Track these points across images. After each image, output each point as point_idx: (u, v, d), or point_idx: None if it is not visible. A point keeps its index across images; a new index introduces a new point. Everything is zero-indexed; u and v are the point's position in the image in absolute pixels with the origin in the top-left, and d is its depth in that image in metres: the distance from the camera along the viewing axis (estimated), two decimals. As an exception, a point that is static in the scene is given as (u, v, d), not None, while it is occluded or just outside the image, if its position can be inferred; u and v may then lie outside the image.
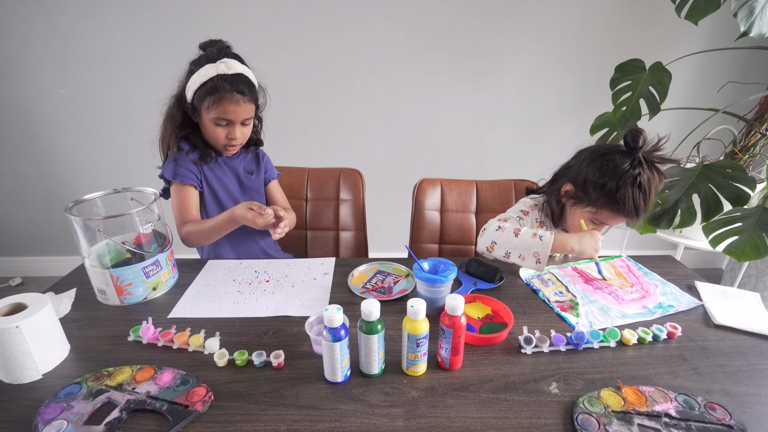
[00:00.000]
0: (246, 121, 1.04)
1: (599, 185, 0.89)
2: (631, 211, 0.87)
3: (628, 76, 1.34)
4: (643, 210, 0.88)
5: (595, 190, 0.91)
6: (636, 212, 0.87)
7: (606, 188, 0.88)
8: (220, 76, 0.96)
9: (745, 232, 0.97)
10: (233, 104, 0.98)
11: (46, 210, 2.10)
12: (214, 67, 0.96)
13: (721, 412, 0.58)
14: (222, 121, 1.01)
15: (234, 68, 0.97)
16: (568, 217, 1.00)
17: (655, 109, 1.25)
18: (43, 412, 0.57)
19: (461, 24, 1.79)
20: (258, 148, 1.19)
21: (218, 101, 0.97)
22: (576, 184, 0.95)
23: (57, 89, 1.85)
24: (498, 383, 0.64)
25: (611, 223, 0.94)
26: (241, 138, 1.05)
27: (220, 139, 1.03)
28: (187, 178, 1.03)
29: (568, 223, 1.01)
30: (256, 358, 0.68)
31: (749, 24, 1.09)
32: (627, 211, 0.88)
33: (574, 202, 0.96)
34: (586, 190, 0.92)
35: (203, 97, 0.98)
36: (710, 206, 1.01)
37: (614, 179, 0.87)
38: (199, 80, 0.97)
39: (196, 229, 1.02)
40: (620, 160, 0.87)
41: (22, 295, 0.68)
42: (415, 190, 1.33)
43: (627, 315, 0.81)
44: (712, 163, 1.06)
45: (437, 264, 0.83)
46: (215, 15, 1.73)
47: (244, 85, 0.98)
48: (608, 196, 0.88)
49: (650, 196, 0.87)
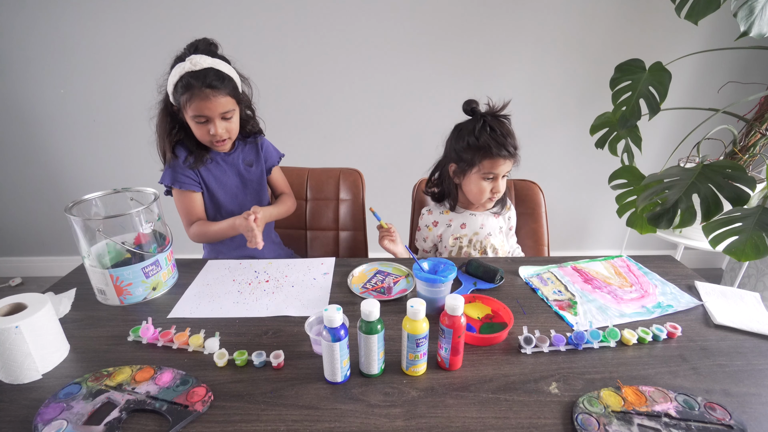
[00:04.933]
0: (226, 114, 1.00)
1: (466, 147, 1.04)
2: (499, 148, 1.00)
3: (628, 76, 1.33)
4: (509, 144, 1.01)
5: (466, 152, 1.05)
6: (504, 148, 1.01)
7: (472, 145, 1.03)
8: (187, 73, 0.94)
9: (745, 232, 0.97)
10: (204, 100, 0.96)
11: (46, 210, 2.10)
12: (182, 66, 0.95)
13: (721, 412, 0.58)
14: (200, 118, 0.99)
15: (200, 64, 0.95)
16: (465, 189, 1.11)
17: (655, 109, 1.24)
18: (42, 412, 0.57)
19: (461, 24, 1.79)
20: (257, 137, 1.17)
21: (190, 99, 0.96)
22: (455, 161, 1.09)
23: (57, 89, 1.85)
24: (498, 383, 0.64)
25: (496, 170, 1.04)
26: (225, 133, 1.02)
27: (205, 137, 1.02)
28: (185, 183, 1.06)
29: (468, 194, 1.11)
30: (256, 358, 0.68)
31: (749, 24, 1.09)
32: (496, 150, 1.00)
33: (462, 174, 1.09)
34: (462, 157, 1.06)
35: (178, 97, 0.97)
36: (710, 206, 1.01)
37: (471, 135, 1.03)
38: (172, 81, 0.97)
39: (201, 230, 1.09)
40: (470, 123, 1.05)
41: (21, 295, 0.68)
42: (415, 190, 1.33)
43: (625, 314, 0.81)
44: (712, 163, 1.06)
45: (437, 264, 0.83)
46: (215, 15, 1.73)
47: (214, 79, 0.96)
48: (476, 149, 1.03)
49: (506, 133, 1.02)
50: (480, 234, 1.14)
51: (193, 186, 1.07)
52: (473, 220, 1.14)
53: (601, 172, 1.38)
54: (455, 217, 1.15)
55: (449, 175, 1.12)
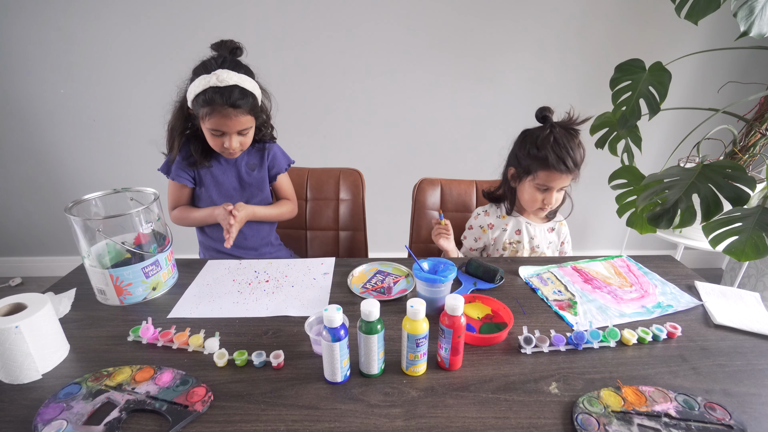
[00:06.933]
0: (243, 131, 1.02)
1: (528, 155, 1.04)
2: (558, 162, 0.99)
3: (627, 76, 1.33)
4: (569, 160, 0.99)
5: (526, 159, 1.05)
6: (563, 162, 0.99)
7: (532, 153, 1.03)
8: (212, 88, 0.94)
9: (745, 232, 0.97)
10: (225, 117, 0.97)
11: (46, 210, 2.10)
12: (207, 79, 0.94)
13: (721, 412, 0.58)
14: (217, 132, 1.00)
15: (226, 80, 0.94)
16: (519, 196, 1.12)
17: (655, 109, 1.24)
18: (42, 413, 0.57)
19: (461, 24, 1.79)
20: (266, 144, 1.17)
21: (210, 114, 0.96)
22: (514, 165, 1.10)
23: (57, 89, 1.85)
24: (498, 383, 0.64)
25: (551, 183, 1.03)
26: (239, 147, 1.04)
27: (218, 147, 1.04)
28: (180, 177, 1.11)
29: (522, 201, 1.12)
30: (256, 358, 0.68)
31: (749, 24, 1.09)
32: (553, 163, 0.99)
33: (518, 180, 1.10)
34: (521, 164, 1.06)
35: (198, 108, 0.98)
36: (710, 206, 1.00)
37: (535, 144, 1.02)
38: (194, 90, 0.96)
39: (183, 215, 1.15)
40: (537, 131, 1.04)
41: (21, 295, 0.68)
42: (415, 190, 1.33)
43: (625, 314, 0.82)
44: (712, 162, 1.06)
45: (437, 264, 0.83)
46: (216, 15, 1.73)
47: (238, 98, 0.96)
48: (535, 158, 1.02)
49: (570, 147, 1.00)
50: (531, 243, 1.15)
51: (186, 181, 1.12)
52: (528, 229, 1.15)
53: (601, 172, 1.38)
54: (511, 221, 1.15)
55: (507, 179, 1.13)
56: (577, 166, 1.01)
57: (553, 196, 1.05)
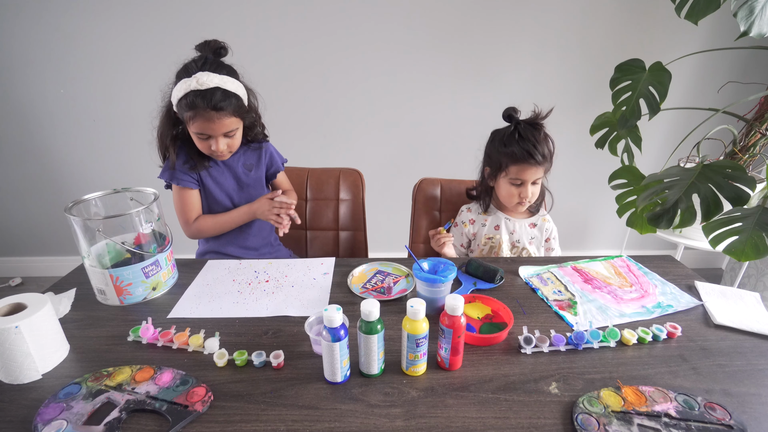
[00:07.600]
0: (229, 133, 1.01)
1: (498, 152, 1.09)
2: (525, 155, 1.03)
3: (627, 76, 1.33)
4: (535, 152, 1.02)
5: (497, 157, 1.09)
6: (530, 155, 1.02)
7: (501, 150, 1.07)
8: (193, 92, 0.93)
9: (745, 232, 0.97)
10: (208, 121, 0.95)
11: (46, 210, 2.10)
12: (188, 83, 0.93)
13: (721, 412, 0.58)
14: (203, 135, 0.99)
15: (207, 83, 0.92)
16: (497, 193, 1.16)
17: (655, 109, 1.24)
18: (42, 413, 0.57)
19: (461, 24, 1.79)
20: (261, 144, 1.17)
21: (194, 117, 0.95)
22: (488, 164, 1.15)
23: (57, 89, 1.85)
24: (498, 383, 0.64)
25: (523, 176, 1.06)
26: (227, 148, 1.02)
27: (206, 150, 1.03)
28: (184, 181, 1.08)
29: (501, 198, 1.15)
30: (256, 358, 0.68)
31: (749, 24, 1.09)
32: (521, 157, 1.03)
33: (494, 178, 1.13)
34: (493, 161, 1.11)
35: (183, 112, 0.97)
36: (710, 206, 1.01)
37: (503, 141, 1.07)
38: (177, 95, 0.95)
39: (209, 223, 1.12)
40: (504, 129, 1.10)
41: (21, 295, 0.68)
42: (415, 190, 1.33)
43: (625, 314, 0.82)
44: (712, 162, 1.06)
45: (437, 264, 0.83)
46: (216, 15, 1.73)
47: (220, 100, 0.94)
48: (504, 154, 1.07)
49: (536, 140, 1.03)
50: (511, 238, 1.17)
51: (191, 184, 1.09)
52: (507, 224, 1.17)
53: (601, 172, 1.38)
54: (491, 218, 1.18)
55: (485, 177, 1.17)
56: (545, 157, 1.04)
57: (528, 189, 1.07)
